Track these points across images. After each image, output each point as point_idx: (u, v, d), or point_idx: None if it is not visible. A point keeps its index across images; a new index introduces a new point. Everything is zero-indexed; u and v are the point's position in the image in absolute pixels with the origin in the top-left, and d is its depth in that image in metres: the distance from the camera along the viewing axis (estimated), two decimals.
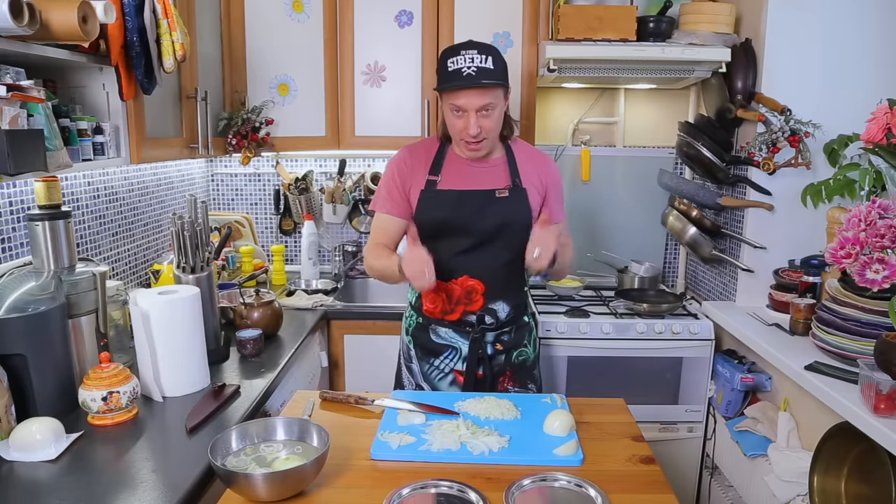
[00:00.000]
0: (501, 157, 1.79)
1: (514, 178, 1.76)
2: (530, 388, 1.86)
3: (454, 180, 1.74)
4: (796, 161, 2.13)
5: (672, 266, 2.97)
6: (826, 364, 1.72)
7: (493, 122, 1.65)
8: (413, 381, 1.84)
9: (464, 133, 1.65)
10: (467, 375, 1.77)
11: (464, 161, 1.76)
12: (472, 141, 1.66)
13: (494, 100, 1.62)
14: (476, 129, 1.62)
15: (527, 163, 1.79)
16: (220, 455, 1.16)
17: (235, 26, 2.43)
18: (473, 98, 1.59)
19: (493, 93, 1.61)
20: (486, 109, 1.62)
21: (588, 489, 1.15)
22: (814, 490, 1.67)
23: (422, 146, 1.82)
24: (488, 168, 1.76)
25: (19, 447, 1.25)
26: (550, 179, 1.81)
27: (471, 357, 1.76)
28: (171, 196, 2.59)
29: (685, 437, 2.41)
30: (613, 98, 2.85)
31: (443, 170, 1.76)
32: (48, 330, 1.40)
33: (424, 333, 1.82)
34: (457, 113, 1.63)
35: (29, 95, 1.29)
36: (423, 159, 1.77)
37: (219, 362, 1.81)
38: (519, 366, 1.83)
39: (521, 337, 1.84)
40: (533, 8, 2.46)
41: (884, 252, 1.53)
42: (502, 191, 1.73)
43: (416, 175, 1.76)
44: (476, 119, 1.61)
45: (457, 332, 1.78)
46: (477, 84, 1.57)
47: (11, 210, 1.67)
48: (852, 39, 2.15)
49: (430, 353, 1.82)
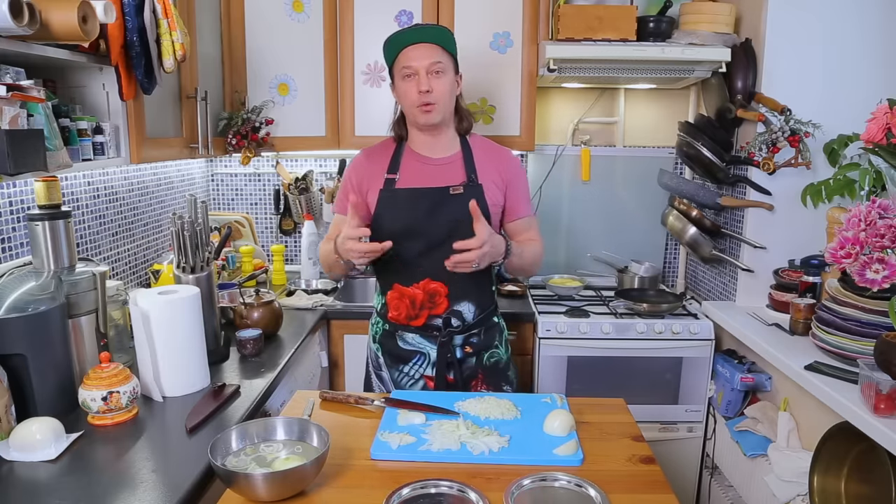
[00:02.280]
0: (458, 154, 1.78)
1: (470, 174, 1.74)
2: (505, 390, 1.82)
3: (411, 178, 1.74)
4: (796, 161, 2.13)
5: (672, 266, 2.97)
6: (826, 364, 1.72)
7: (445, 85, 1.67)
8: (384, 389, 1.82)
9: (416, 96, 1.66)
10: (437, 381, 1.75)
11: (420, 158, 1.76)
12: (425, 103, 1.66)
13: (443, 61, 1.66)
14: (427, 84, 1.64)
15: (484, 158, 1.78)
16: (220, 455, 1.16)
17: (235, 26, 2.43)
18: (421, 53, 1.64)
19: (441, 54, 1.66)
20: (436, 70, 1.64)
21: (588, 489, 1.15)
22: (814, 490, 1.67)
23: (379, 147, 1.82)
24: (444, 165, 1.75)
25: (19, 447, 1.25)
26: (511, 174, 1.78)
27: (439, 362, 1.74)
28: (171, 196, 2.59)
29: (685, 437, 2.41)
30: (613, 98, 2.85)
31: (401, 168, 1.76)
32: (48, 330, 1.40)
33: (392, 340, 1.79)
34: (407, 77, 1.66)
35: (29, 95, 1.29)
36: (381, 160, 1.78)
37: (219, 362, 1.81)
38: (491, 368, 1.80)
39: (491, 338, 1.81)
40: (533, 8, 2.46)
41: (884, 252, 1.53)
42: (456, 187, 1.71)
43: (375, 176, 1.76)
44: (427, 78, 1.64)
45: (424, 336, 1.75)
46: (421, 38, 1.64)
47: (11, 210, 1.67)
48: (852, 39, 2.15)
49: (398, 360, 1.79)
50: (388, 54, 1.70)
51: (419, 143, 1.77)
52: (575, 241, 2.91)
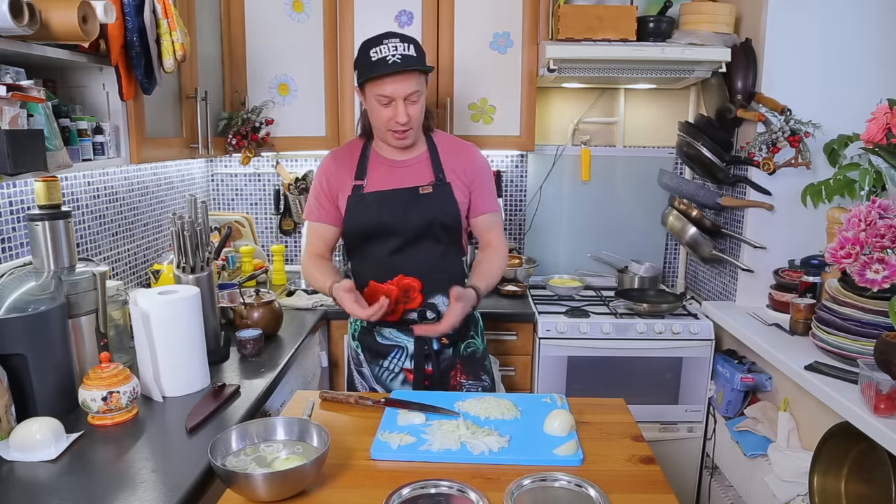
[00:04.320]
0: (424, 153, 1.79)
1: (438, 174, 1.76)
2: (484, 380, 1.84)
3: (379, 182, 1.75)
4: (796, 161, 2.13)
5: (672, 266, 2.97)
6: (826, 364, 1.72)
7: (419, 109, 1.68)
8: (366, 385, 1.84)
9: (391, 122, 1.66)
10: (416, 373, 1.78)
11: (387, 161, 1.78)
12: (400, 129, 1.67)
13: (420, 87, 1.66)
14: (405, 116, 1.64)
15: (449, 155, 1.79)
16: (220, 455, 1.16)
17: (235, 26, 2.43)
18: (401, 85, 1.61)
19: (419, 80, 1.65)
20: (413, 97, 1.64)
21: (588, 489, 1.15)
22: (814, 490, 1.67)
23: (346, 150, 1.83)
24: (412, 166, 1.77)
25: (19, 447, 1.25)
26: (474, 169, 1.80)
27: (417, 354, 1.77)
28: (171, 196, 2.59)
29: (685, 437, 2.41)
30: (613, 98, 2.85)
31: (367, 173, 1.76)
32: (48, 330, 1.40)
33: (370, 336, 1.82)
34: (385, 104, 1.64)
35: (29, 95, 1.29)
36: (349, 164, 1.78)
37: (219, 362, 1.81)
38: (468, 358, 1.83)
39: (466, 329, 1.84)
40: (533, 8, 2.46)
41: (884, 252, 1.53)
42: (426, 187, 1.74)
43: (343, 181, 1.77)
44: (404, 107, 1.63)
45: (401, 331, 1.79)
46: (404, 69, 1.60)
47: (11, 210, 1.67)
48: (852, 39, 2.15)
49: (378, 356, 1.82)
50: (364, 70, 1.64)
51: (385, 147, 1.79)
52: (575, 241, 2.91)
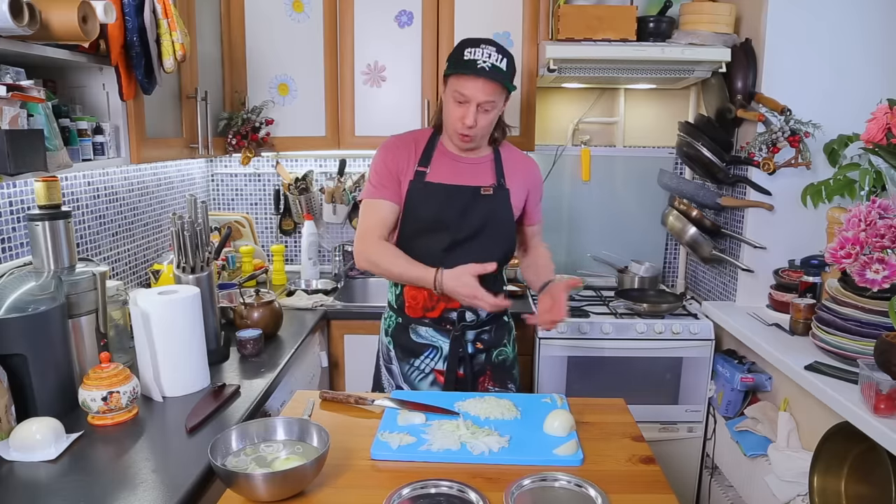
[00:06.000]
0: (489, 156, 1.80)
1: (500, 178, 1.78)
2: (510, 388, 1.86)
3: (442, 174, 1.75)
4: (796, 161, 2.13)
5: (672, 266, 2.97)
6: (826, 364, 1.72)
7: (489, 120, 1.68)
8: (393, 383, 1.84)
9: (459, 123, 1.66)
10: (448, 375, 1.77)
11: (452, 155, 1.77)
12: (466, 133, 1.67)
13: (497, 99, 1.65)
14: (472, 120, 1.64)
15: (512, 164, 1.82)
16: (220, 455, 1.16)
17: (235, 26, 2.43)
18: (480, 90, 1.61)
19: (498, 92, 1.64)
20: (487, 105, 1.64)
21: (588, 489, 1.15)
22: (814, 490, 1.67)
23: (412, 135, 1.82)
24: (476, 164, 1.78)
25: (19, 447, 1.25)
26: (533, 183, 1.85)
27: (451, 356, 1.77)
28: (171, 196, 2.59)
29: (685, 437, 2.41)
30: (613, 98, 2.85)
31: (432, 162, 1.76)
32: (48, 330, 1.40)
33: (404, 334, 1.81)
34: (459, 101, 1.64)
35: (29, 95, 1.29)
36: (413, 148, 1.77)
37: (219, 362, 1.81)
38: (499, 365, 1.84)
39: (500, 336, 1.85)
40: (533, 8, 2.46)
41: (884, 252, 1.53)
42: (487, 188, 1.76)
43: (407, 163, 1.75)
44: (475, 112, 1.63)
45: (437, 330, 1.78)
46: (488, 76, 1.59)
47: (11, 210, 1.67)
48: (852, 39, 2.14)
49: (410, 354, 1.81)
50: (453, 64, 1.65)
51: (451, 143, 1.78)
52: (575, 241, 2.91)
